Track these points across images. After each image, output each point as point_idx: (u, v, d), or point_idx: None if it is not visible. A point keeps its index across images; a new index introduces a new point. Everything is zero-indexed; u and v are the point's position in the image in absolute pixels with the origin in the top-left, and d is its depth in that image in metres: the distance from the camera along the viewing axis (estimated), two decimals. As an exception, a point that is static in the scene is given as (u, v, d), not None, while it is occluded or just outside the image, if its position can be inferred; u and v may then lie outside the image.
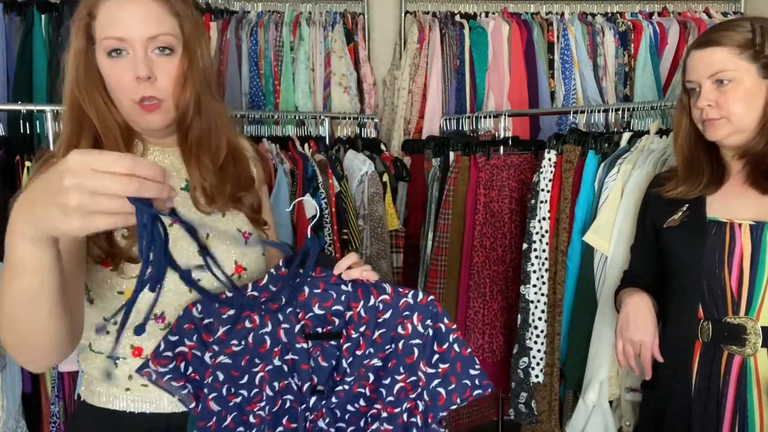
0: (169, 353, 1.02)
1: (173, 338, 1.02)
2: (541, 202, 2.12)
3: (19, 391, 2.14)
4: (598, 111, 2.29)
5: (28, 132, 2.31)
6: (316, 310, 1.07)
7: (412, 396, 1.06)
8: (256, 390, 1.05)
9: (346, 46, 3.17)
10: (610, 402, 1.87)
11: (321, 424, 1.05)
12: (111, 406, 1.09)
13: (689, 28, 3.22)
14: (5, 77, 2.89)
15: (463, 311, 2.40)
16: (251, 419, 1.05)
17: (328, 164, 2.40)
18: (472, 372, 1.07)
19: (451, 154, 2.52)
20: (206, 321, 1.03)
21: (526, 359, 2.14)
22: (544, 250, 2.13)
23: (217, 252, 1.12)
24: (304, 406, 1.05)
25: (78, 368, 2.03)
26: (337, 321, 1.07)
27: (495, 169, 2.38)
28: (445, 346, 1.07)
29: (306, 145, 2.52)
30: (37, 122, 2.56)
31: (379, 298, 1.07)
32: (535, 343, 2.12)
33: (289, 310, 1.05)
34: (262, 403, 1.05)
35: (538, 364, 2.12)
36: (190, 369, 1.03)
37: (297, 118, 2.74)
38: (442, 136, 2.92)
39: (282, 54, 3.11)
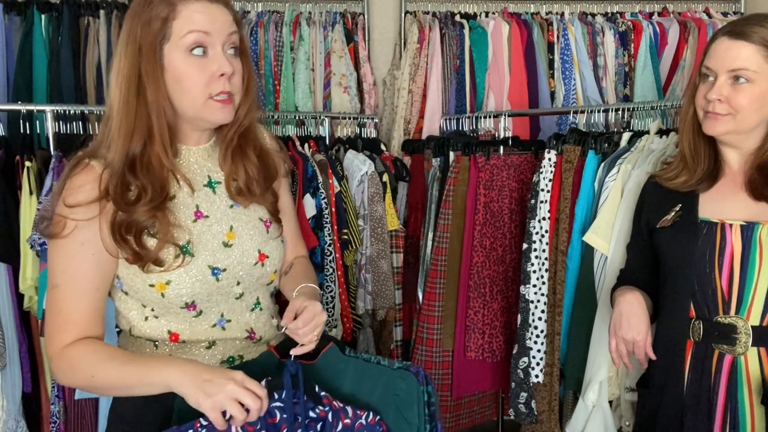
0: None
1: None
2: (541, 202, 2.12)
3: (20, 391, 2.14)
4: (598, 111, 2.29)
5: (28, 132, 2.31)
6: None
7: None
8: None
9: (346, 46, 3.17)
10: (610, 402, 1.87)
11: None
12: None
13: (689, 28, 3.22)
14: (5, 77, 2.89)
15: (463, 311, 2.40)
16: None
17: (328, 164, 2.40)
18: None
19: (451, 154, 2.52)
20: None
21: (526, 359, 2.14)
22: (544, 250, 2.13)
23: (241, 242, 1.20)
24: None
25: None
26: None
27: (495, 169, 2.38)
28: None
29: (306, 145, 2.52)
30: (37, 122, 2.56)
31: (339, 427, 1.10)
32: (535, 343, 2.12)
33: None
34: None
35: (538, 364, 2.12)
36: None
37: (297, 118, 2.74)
38: (442, 136, 2.92)
39: (282, 54, 3.11)
